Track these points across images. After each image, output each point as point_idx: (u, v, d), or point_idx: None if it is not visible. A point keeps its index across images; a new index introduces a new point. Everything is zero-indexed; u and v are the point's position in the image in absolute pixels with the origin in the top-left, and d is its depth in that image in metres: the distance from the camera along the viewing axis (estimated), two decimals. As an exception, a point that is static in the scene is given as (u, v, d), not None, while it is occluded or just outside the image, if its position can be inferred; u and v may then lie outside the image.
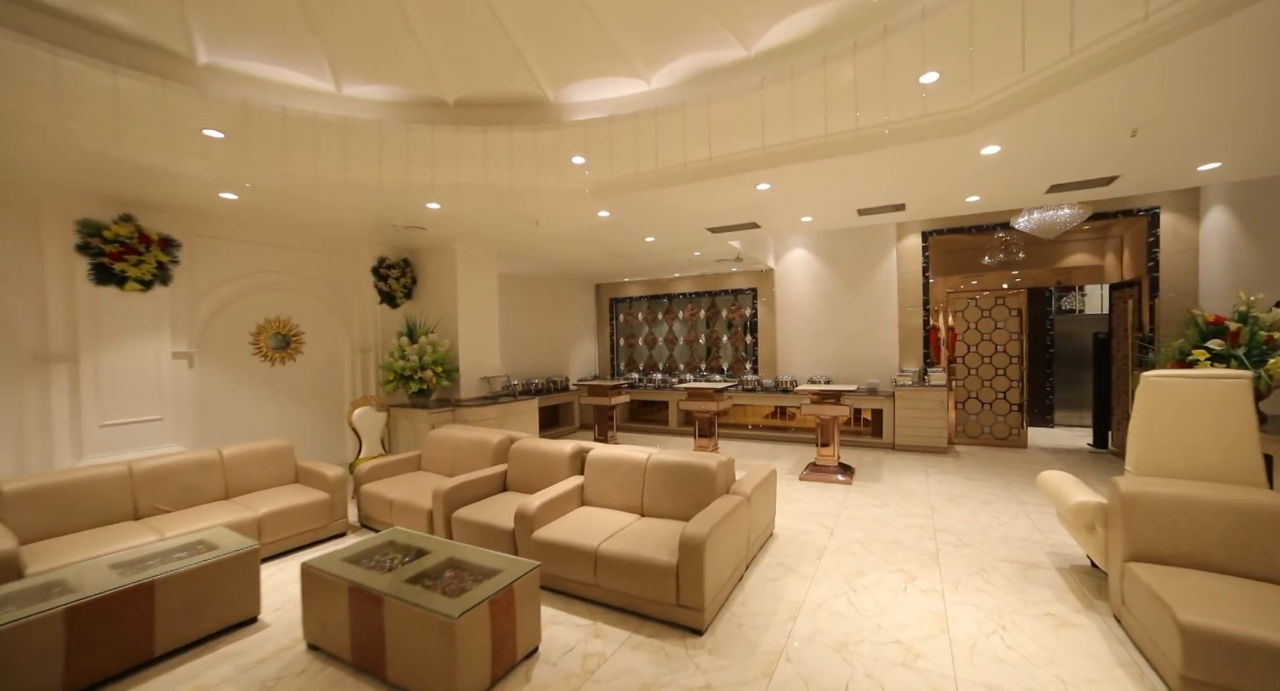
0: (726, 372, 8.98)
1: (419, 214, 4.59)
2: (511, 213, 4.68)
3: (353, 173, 3.45)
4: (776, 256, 8.44)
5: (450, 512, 3.62)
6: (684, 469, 3.32)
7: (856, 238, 7.77)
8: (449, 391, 6.18)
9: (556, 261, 7.49)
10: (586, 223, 5.05)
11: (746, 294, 8.77)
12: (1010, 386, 6.76)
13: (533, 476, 3.93)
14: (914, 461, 6.23)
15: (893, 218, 5.10)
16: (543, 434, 8.41)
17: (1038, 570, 3.17)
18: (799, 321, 8.25)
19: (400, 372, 5.56)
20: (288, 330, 5.41)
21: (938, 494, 4.86)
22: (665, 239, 5.97)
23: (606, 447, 3.76)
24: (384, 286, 6.09)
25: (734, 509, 3.03)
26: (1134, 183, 3.97)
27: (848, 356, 7.86)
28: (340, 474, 4.02)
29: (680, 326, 9.57)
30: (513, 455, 4.08)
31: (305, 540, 3.78)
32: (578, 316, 9.75)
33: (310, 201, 4.12)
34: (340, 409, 5.85)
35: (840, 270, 7.94)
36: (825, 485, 5.31)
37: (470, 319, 6.20)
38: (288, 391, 5.41)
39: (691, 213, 4.78)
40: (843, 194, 4.29)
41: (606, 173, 3.93)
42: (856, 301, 7.81)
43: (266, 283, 5.19)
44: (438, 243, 6.06)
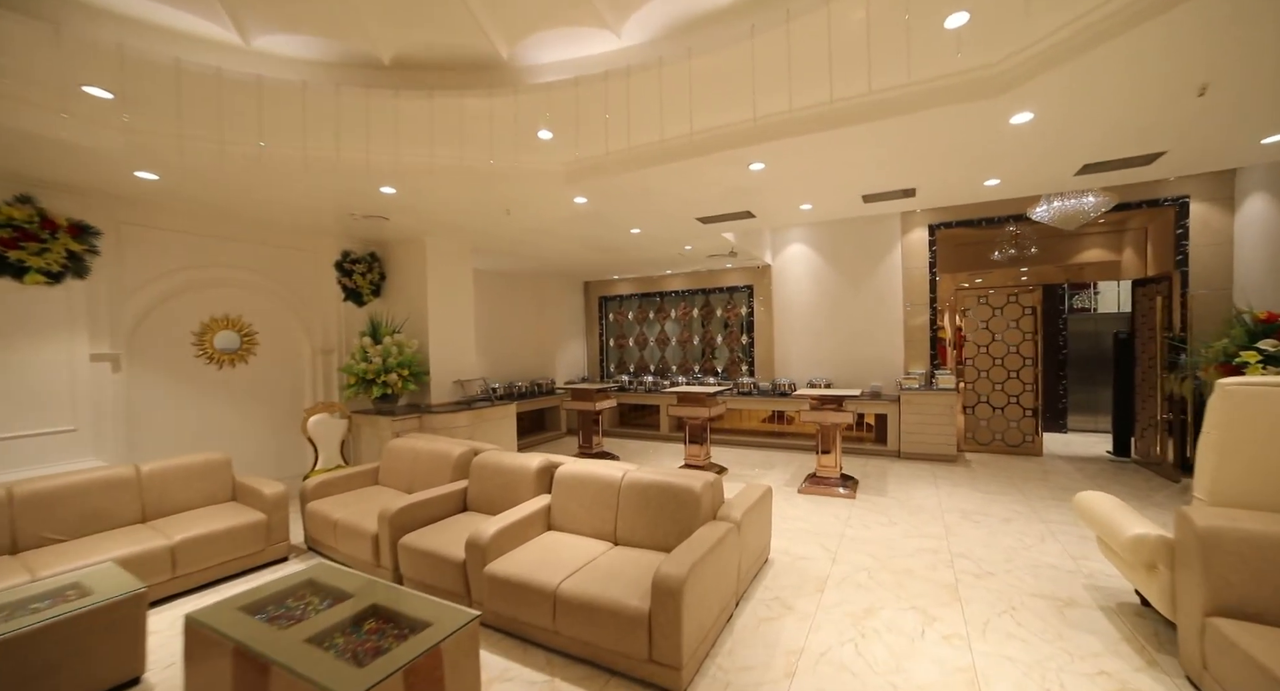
0: (721, 375, 8.52)
1: (375, 201, 4.13)
2: (478, 200, 4.22)
3: (277, 147, 2.99)
4: (774, 251, 7.99)
5: (397, 538, 3.15)
6: (663, 491, 2.86)
7: (859, 231, 7.31)
8: (419, 396, 5.71)
9: (539, 257, 7.03)
10: (563, 212, 4.59)
11: (742, 292, 8.32)
12: (1024, 390, 6.31)
13: (495, 495, 3.46)
14: (922, 471, 5.77)
15: (901, 206, 4.65)
16: (527, 440, 7.95)
17: (1078, 609, 2.71)
18: (798, 321, 7.80)
19: (362, 376, 5.09)
20: (239, 329, 4.94)
21: (951, 509, 4.40)
22: (652, 231, 5.51)
23: (577, 463, 3.30)
24: (348, 282, 5.63)
25: (721, 539, 2.57)
26: (1182, 159, 3.50)
27: (849, 358, 7.40)
28: (279, 491, 3.55)
29: (673, 326, 9.11)
30: (474, 470, 3.62)
31: (236, 568, 3.31)
32: (565, 316, 9.29)
33: (245, 185, 3.65)
34: (300, 415, 5.37)
35: (841, 266, 7.48)
36: (826, 499, 4.85)
37: (442, 318, 5.73)
38: (239, 396, 4.94)
39: (679, 199, 4.32)
40: (847, 177, 3.83)
41: (578, 149, 3.47)
42: (859, 299, 7.36)
43: (213, 277, 4.72)
44: (406, 235, 5.59)
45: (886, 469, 5.93)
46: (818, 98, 2.81)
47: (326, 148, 3.02)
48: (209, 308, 4.73)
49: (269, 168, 3.26)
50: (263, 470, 5.07)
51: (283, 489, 3.59)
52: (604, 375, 9.66)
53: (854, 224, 7.30)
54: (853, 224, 7.31)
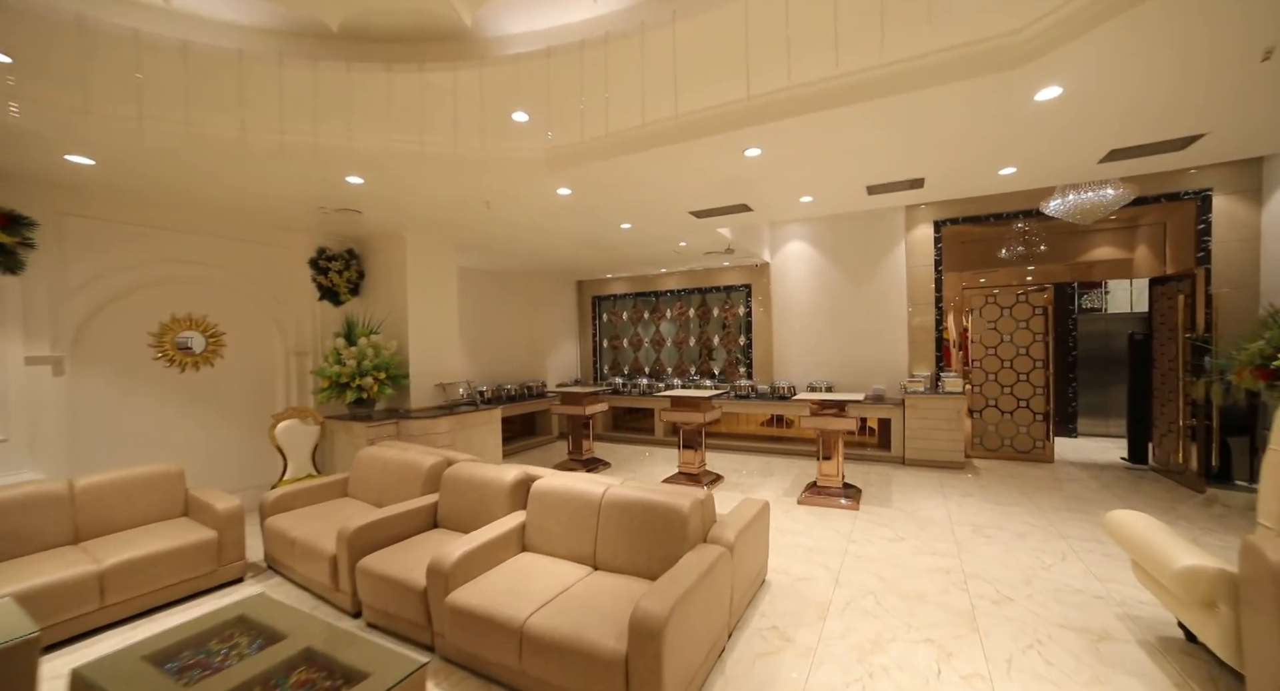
0: (718, 377, 8.23)
1: (342, 193, 3.84)
2: (456, 192, 3.93)
3: (212, 128, 2.69)
4: (772, 249, 7.70)
5: (356, 560, 2.86)
6: (647, 510, 2.57)
7: (861, 227, 7.03)
8: (399, 400, 5.42)
9: (529, 254, 6.74)
10: (547, 204, 4.30)
11: (740, 291, 8.03)
12: (1034, 393, 6.02)
13: (467, 511, 3.17)
14: (928, 479, 5.48)
15: (908, 198, 4.36)
16: (515, 445, 7.65)
17: (1114, 644, 2.42)
18: (797, 321, 7.51)
19: (335, 379, 4.80)
20: (203, 329, 4.65)
21: (961, 523, 4.11)
22: (644, 226, 5.22)
23: (555, 477, 3.00)
24: (324, 281, 5.33)
25: (711, 567, 2.28)
26: (1221, 143, 3.19)
27: (851, 359, 7.11)
28: (233, 506, 3.26)
29: (668, 326, 8.82)
30: (444, 483, 3.33)
31: (182, 593, 3.01)
32: (557, 316, 9.00)
33: (193, 174, 3.36)
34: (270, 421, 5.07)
35: (843, 264, 7.20)
36: (828, 510, 4.56)
37: (423, 318, 5.44)
38: (204, 401, 4.64)
39: (670, 191, 4.03)
40: (851, 165, 3.55)
41: (557, 134, 3.18)
42: (861, 299, 7.08)
43: (174, 274, 4.43)
44: (385, 231, 5.30)
45: (891, 477, 5.64)
46: (819, 72, 2.52)
47: (270, 129, 2.73)
48: (170, 306, 4.44)
49: (208, 152, 2.96)
50: (231, 481, 4.77)
51: (237, 503, 3.30)
52: (597, 377, 9.37)
53: (856, 219, 7.02)
54: (855, 219, 7.02)
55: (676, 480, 5.53)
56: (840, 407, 4.87)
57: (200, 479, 4.55)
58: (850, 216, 7.03)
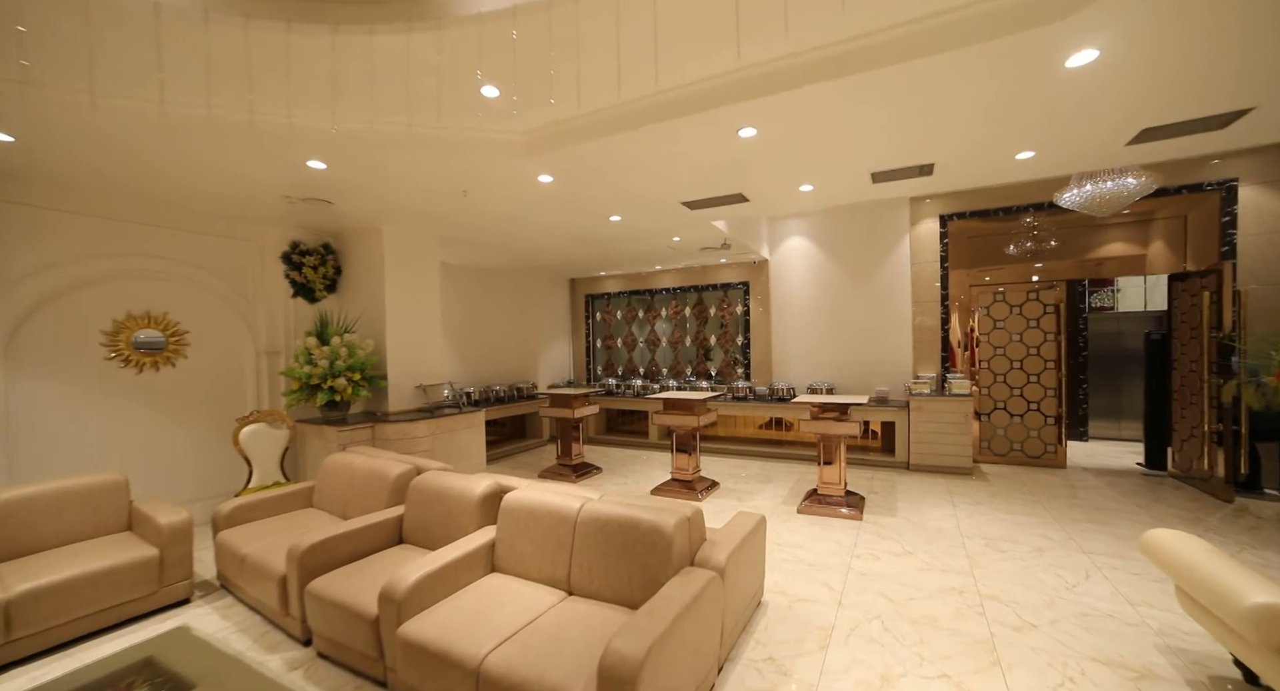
0: (715, 378, 7.94)
1: (303, 179, 3.56)
2: (429, 180, 3.65)
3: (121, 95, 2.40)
4: (771, 245, 7.41)
5: (307, 581, 2.57)
6: (627, 529, 2.28)
7: (863, 222, 6.75)
8: (376, 403, 5.13)
9: (517, 250, 6.46)
10: (528, 194, 4.02)
11: (737, 289, 7.75)
12: (1045, 395, 5.73)
13: (434, 525, 2.88)
14: (934, 486, 5.19)
15: (915, 187, 4.08)
16: (504, 449, 7.36)
17: (1158, 684, 2.13)
18: (797, 320, 7.22)
19: (306, 381, 4.51)
20: (164, 327, 4.36)
21: (973, 535, 3.82)
22: (635, 219, 4.94)
23: (530, 490, 2.72)
24: (297, 276, 5.04)
25: (697, 596, 2.00)
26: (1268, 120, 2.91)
27: (854, 360, 6.83)
28: (178, 520, 2.97)
29: (664, 325, 8.53)
30: (410, 494, 3.04)
31: (113, 619, 2.72)
32: (549, 315, 8.72)
33: (126, 153, 3.07)
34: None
35: (844, 261, 6.91)
36: (829, 520, 4.27)
37: (402, 316, 5.16)
38: (164, 404, 4.36)
39: (660, 178, 3.75)
40: (854, 148, 3.27)
41: (532, 111, 2.90)
42: (863, 297, 6.79)
43: (131, 268, 4.15)
44: (362, 224, 5.02)
45: (895, 483, 5.35)
46: (821, 37, 2.24)
47: (195, 102, 2.44)
48: (125, 302, 4.15)
49: (129, 128, 2.68)
50: (194, 490, 4.49)
51: (184, 517, 3.01)
52: (590, 378, 9.08)
53: (858, 214, 6.74)
54: (857, 213, 6.74)
55: (669, 487, 5.25)
56: (842, 411, 4.58)
57: (160, 488, 4.27)
58: (852, 211, 6.75)
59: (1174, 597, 2.76)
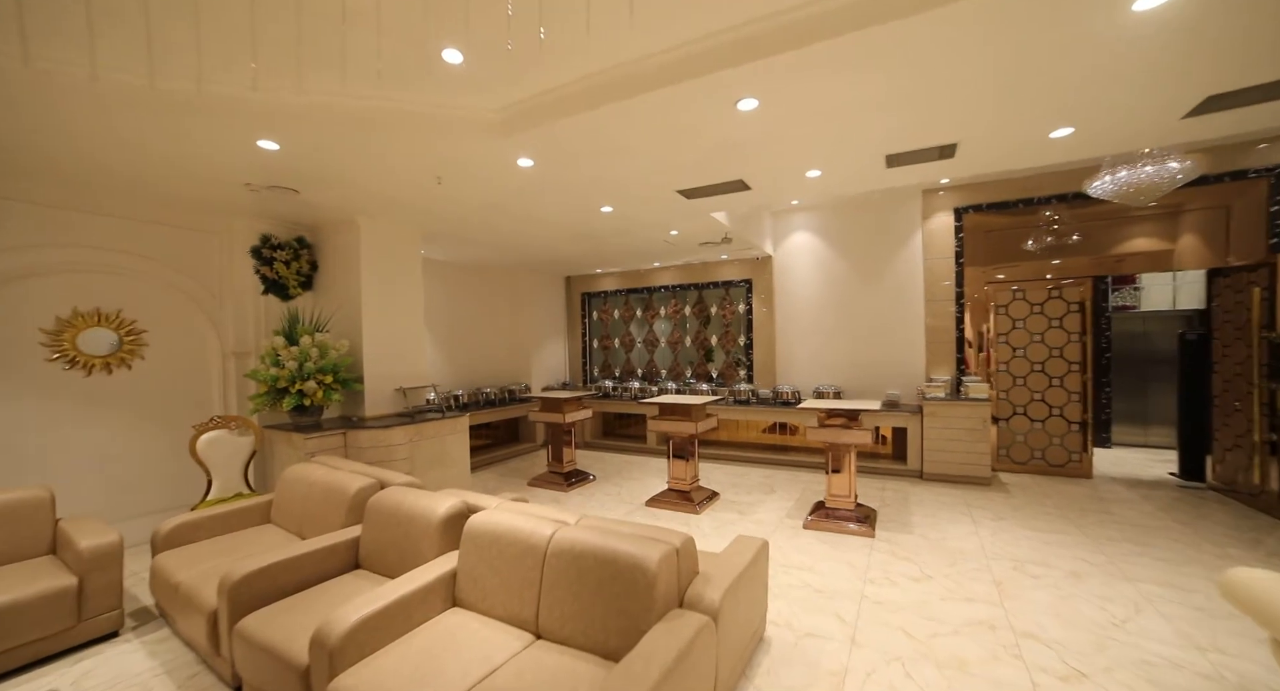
0: (716, 380, 7.59)
1: (255, 160, 3.22)
2: (392, 163, 3.31)
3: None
4: (775, 240, 7.06)
5: (239, 618, 2.23)
6: (604, 564, 1.93)
7: (873, 216, 6.38)
8: (354, 407, 4.80)
9: (507, 246, 6.12)
10: (509, 181, 3.67)
11: (740, 287, 7.39)
12: (1069, 400, 5.35)
13: (391, 550, 2.54)
14: (951, 498, 4.82)
15: (933, 172, 3.72)
16: (498, 454, 7.02)
17: (1242, 758, 1.78)
18: (803, 319, 6.86)
19: (273, 383, 4.18)
20: (117, 326, 4.04)
21: (999, 556, 3.45)
22: (628, 210, 4.59)
23: (497, 512, 2.37)
24: (269, 272, 4.71)
25: (685, 650, 1.65)
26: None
27: (862, 362, 6.46)
28: (101, 543, 2.63)
29: (663, 325, 8.18)
30: (368, 513, 2.70)
31: (18, 662, 2.38)
32: (543, 314, 8.37)
33: (33, 124, 2.75)
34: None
35: (853, 257, 6.55)
36: (839, 538, 3.91)
37: (380, 314, 4.82)
38: (118, 410, 4.03)
39: (652, 162, 3.41)
40: (869, 124, 2.91)
41: (501, 79, 2.55)
42: (873, 295, 6.43)
43: (77, 260, 3.83)
44: (338, 216, 4.69)
45: (908, 494, 4.98)
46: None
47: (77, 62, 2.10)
48: (71, 298, 3.83)
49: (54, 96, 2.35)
50: (153, 503, 4.17)
51: (111, 539, 2.68)
52: (587, 379, 8.73)
53: (867, 207, 6.37)
54: (866, 207, 6.38)
55: (666, 498, 4.89)
56: (852, 417, 4.22)
57: (113, 502, 3.95)
58: (861, 204, 6.39)
59: (1251, 640, 2.39)
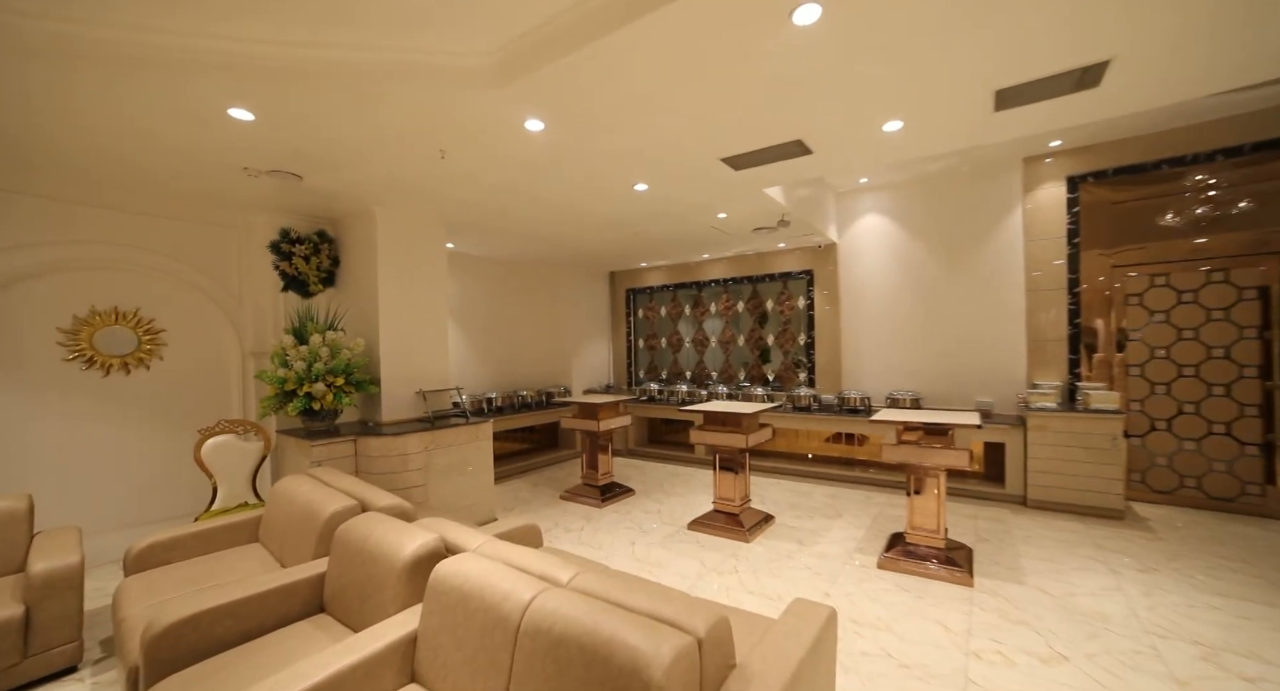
0: (773, 384, 6.80)
1: (230, 134, 2.88)
2: (387, 132, 2.87)
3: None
4: (840, 225, 6.19)
5: (160, 677, 1.81)
6: (590, 658, 1.31)
7: (958, 192, 5.41)
8: (372, 411, 4.48)
9: (538, 237, 5.67)
10: (519, 151, 3.16)
11: (799, 278, 6.56)
12: (1239, 414, 4.17)
13: (353, 595, 2.07)
14: (1070, 533, 3.83)
15: (1060, 114, 2.82)
16: (534, 461, 6.59)
17: None
18: (873, 315, 5.97)
19: (281, 386, 3.90)
20: (136, 325, 3.90)
21: (1168, 632, 2.53)
22: (664, 186, 3.97)
23: (470, 559, 1.82)
24: (288, 268, 4.48)
25: None
26: None
27: (945, 364, 5.49)
28: (54, 567, 2.34)
29: (713, 323, 7.48)
30: (335, 545, 2.24)
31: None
32: (586, 312, 7.90)
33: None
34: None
35: (933, 242, 5.59)
36: (925, 584, 3.10)
37: (399, 311, 4.48)
38: (136, 411, 3.90)
39: (686, 119, 2.78)
40: (979, 41, 2.13)
41: (481, 3, 2.01)
42: (958, 286, 5.45)
43: (94, 257, 3.71)
44: (356, 207, 4.39)
45: (1009, 526, 4.04)
46: None
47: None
48: (89, 296, 3.71)
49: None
50: (173, 507, 4.03)
51: (70, 561, 2.38)
52: (632, 382, 8.18)
53: (952, 180, 5.40)
54: (950, 181, 5.41)
55: (711, 521, 4.22)
56: (944, 434, 3.38)
57: (131, 506, 3.84)
58: (943, 178, 5.42)
59: None
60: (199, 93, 2.38)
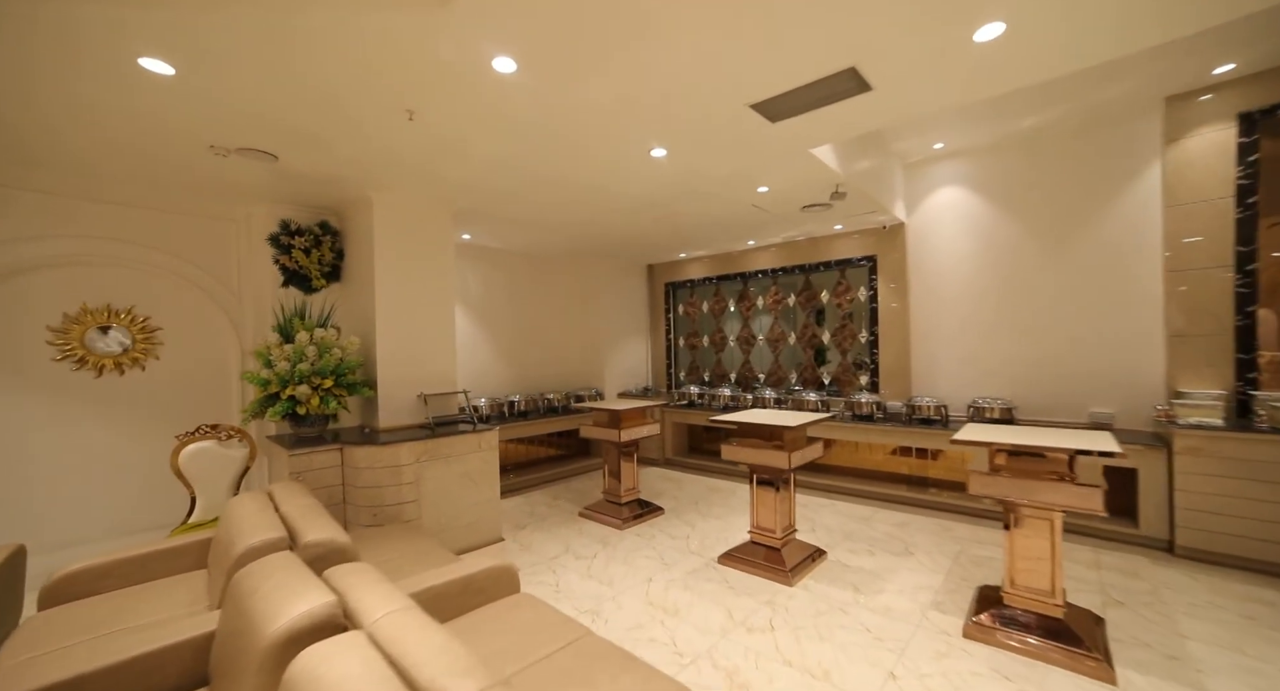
0: (829, 388, 5.90)
1: (149, 93, 2.49)
2: (334, 81, 2.39)
3: None
4: (910, 202, 5.22)
5: (-35, 779, 1.37)
6: None
7: (1066, 150, 4.33)
8: (371, 416, 4.11)
9: (561, 227, 5.14)
10: (499, 106, 2.59)
11: (860, 266, 5.63)
12: None
13: (225, 670, 1.56)
14: (1255, 601, 2.77)
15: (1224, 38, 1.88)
16: (564, 470, 6.09)
17: None
18: (950, 307, 4.97)
19: (264, 387, 3.58)
20: (130, 323, 3.72)
21: None
22: (685, 149, 3.28)
23: (341, 647, 1.24)
24: (288, 261, 4.20)
25: None
26: None
27: (1050, 366, 4.44)
28: (-51, 600, 2.02)
29: (760, 319, 6.66)
30: (227, 599, 1.75)
31: None
32: (620, 308, 7.30)
33: None
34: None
35: (1029, 215, 4.54)
36: (1035, 671, 2.23)
37: (398, 307, 4.07)
38: (131, 414, 3.72)
39: (701, 50, 2.09)
40: None
41: None
42: (1066, 269, 4.38)
43: (84, 253, 3.54)
44: (354, 193, 4.03)
45: (1154, 584, 3.02)
46: None
47: None
48: (79, 293, 3.55)
49: None
50: (157, 517, 3.81)
51: (-32, 592, 2.06)
52: (672, 385, 7.50)
53: (1058, 135, 4.34)
54: (1055, 136, 4.34)
55: (747, 554, 3.49)
56: (1065, 464, 2.47)
57: (122, 513, 3.64)
58: (1045, 135, 4.35)
59: None
60: (94, 37, 1.98)
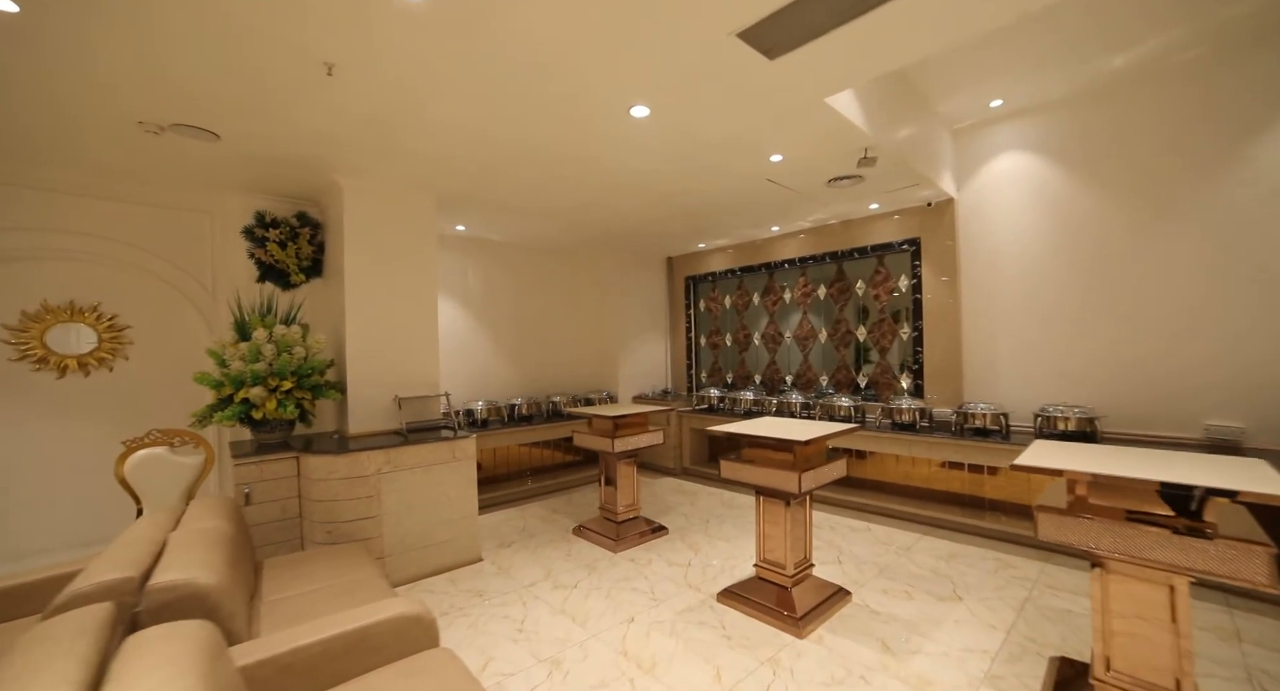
0: (865, 391, 5.17)
1: (31, 46, 2.19)
2: (222, 30, 2.01)
3: None
4: (961, 173, 4.45)
5: None
6: None
7: (1174, 96, 3.47)
8: (340, 421, 3.78)
9: (558, 213, 4.69)
10: (418, 47, 2.14)
11: (901, 252, 4.88)
12: None
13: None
14: None
15: None
16: (568, 479, 5.65)
17: None
18: (1011, 298, 4.18)
19: (217, 389, 3.30)
20: (95, 321, 3.54)
21: None
22: (671, 104, 2.74)
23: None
24: (264, 255, 3.95)
25: None
26: None
27: (1147, 368, 3.60)
28: None
29: (788, 314, 5.99)
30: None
31: None
32: (636, 305, 6.78)
33: None
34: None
35: (1113, 181, 3.71)
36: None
37: (371, 302, 3.73)
38: (96, 416, 3.53)
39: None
40: None
41: None
42: (1171, 249, 3.54)
43: (43, 246, 3.37)
44: (325, 181, 3.72)
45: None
46: None
47: None
48: (40, 290, 3.38)
49: None
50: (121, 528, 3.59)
51: None
52: (693, 386, 6.92)
53: (1155, 79, 3.48)
54: (1153, 80, 3.49)
55: (750, 592, 2.89)
56: (1184, 501, 1.77)
57: (85, 525, 3.45)
58: (1143, 78, 3.50)
59: None
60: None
